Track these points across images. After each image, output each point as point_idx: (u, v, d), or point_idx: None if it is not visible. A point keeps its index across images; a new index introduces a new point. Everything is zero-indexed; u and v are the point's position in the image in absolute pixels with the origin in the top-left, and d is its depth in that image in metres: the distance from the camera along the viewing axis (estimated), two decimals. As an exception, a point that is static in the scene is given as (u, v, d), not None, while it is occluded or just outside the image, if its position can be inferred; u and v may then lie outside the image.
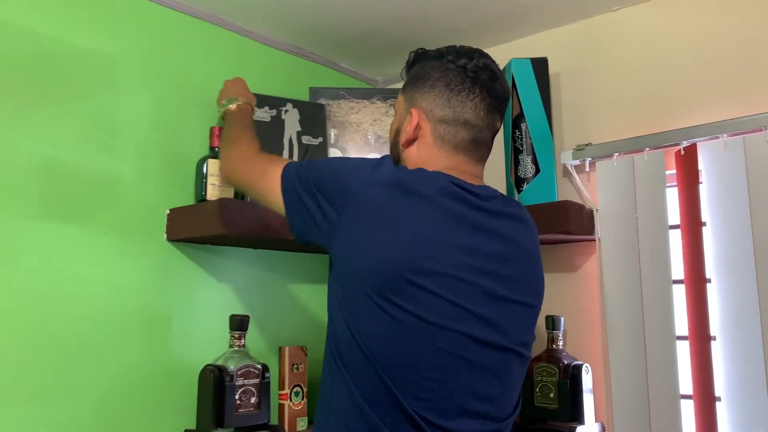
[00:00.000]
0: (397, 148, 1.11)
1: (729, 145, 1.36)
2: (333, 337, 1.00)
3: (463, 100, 1.05)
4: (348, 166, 1.02)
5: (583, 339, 1.55)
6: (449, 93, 1.05)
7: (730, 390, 1.32)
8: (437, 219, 0.96)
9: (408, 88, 1.11)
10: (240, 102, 1.42)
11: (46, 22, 1.31)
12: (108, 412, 1.32)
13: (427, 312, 0.93)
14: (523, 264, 1.04)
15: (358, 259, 0.96)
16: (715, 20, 1.45)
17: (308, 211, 1.04)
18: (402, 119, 1.10)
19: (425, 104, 1.06)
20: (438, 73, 1.06)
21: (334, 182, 1.01)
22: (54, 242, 1.28)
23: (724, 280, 1.35)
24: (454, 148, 1.05)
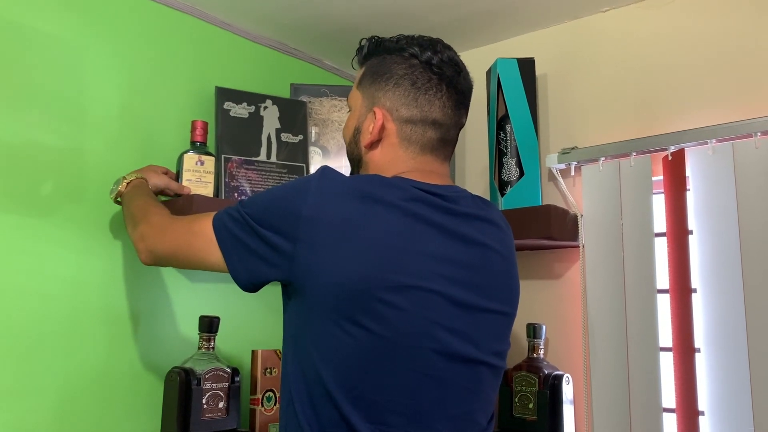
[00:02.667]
0: (357, 148, 1.04)
1: (718, 151, 1.32)
2: (287, 380, 0.94)
3: (431, 98, 0.98)
4: (289, 191, 0.93)
5: (564, 348, 1.51)
6: (416, 92, 0.98)
7: (714, 403, 1.28)
8: (402, 227, 0.89)
9: (367, 84, 1.03)
10: (130, 179, 1.27)
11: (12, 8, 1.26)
12: (68, 415, 1.27)
13: (396, 332, 0.87)
14: (495, 269, 0.98)
15: (321, 284, 0.88)
16: (705, 24, 1.42)
17: (254, 252, 0.93)
18: (362, 118, 1.03)
19: (389, 103, 0.99)
20: (402, 70, 0.99)
21: (279, 212, 0.91)
22: (13, 236, 1.23)
23: (709, 290, 1.31)
24: (421, 149, 0.99)
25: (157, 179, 1.31)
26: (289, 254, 0.90)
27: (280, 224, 0.90)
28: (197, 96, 1.54)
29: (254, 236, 0.93)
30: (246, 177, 1.49)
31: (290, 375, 0.93)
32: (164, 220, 1.10)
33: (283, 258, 0.90)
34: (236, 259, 0.95)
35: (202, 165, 1.40)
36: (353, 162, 1.07)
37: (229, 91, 1.54)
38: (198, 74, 1.56)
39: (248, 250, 0.94)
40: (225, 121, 1.51)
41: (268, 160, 1.54)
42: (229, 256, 0.96)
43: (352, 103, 1.07)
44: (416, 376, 0.88)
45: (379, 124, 0.99)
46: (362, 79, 1.04)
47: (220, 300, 1.54)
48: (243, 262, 0.95)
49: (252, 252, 0.93)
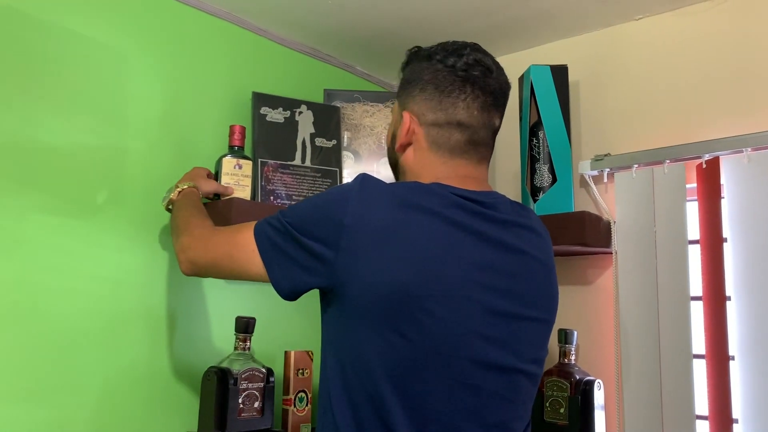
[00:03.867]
0: (394, 153, 1.06)
1: (753, 160, 1.32)
2: (326, 385, 0.95)
3: (454, 100, 0.99)
4: (330, 200, 0.94)
5: (596, 354, 1.52)
6: (439, 95, 0.99)
7: (748, 412, 1.28)
8: (441, 234, 0.90)
9: (401, 91, 1.05)
10: (182, 187, 1.29)
11: (59, 14, 1.29)
12: (107, 412, 1.29)
13: (434, 340, 0.88)
14: (534, 276, 0.98)
15: (361, 291, 0.89)
16: (740, 31, 1.42)
17: (295, 260, 0.94)
18: (397, 124, 1.05)
19: (416, 108, 1.01)
20: (428, 75, 1.01)
21: (321, 221, 0.92)
22: (57, 236, 1.26)
23: (744, 298, 1.31)
24: (449, 152, 1.00)
25: (207, 186, 1.34)
26: (330, 262, 0.91)
27: (321, 233, 0.92)
28: (234, 101, 1.57)
29: (295, 245, 0.94)
30: (282, 181, 1.51)
31: (329, 381, 0.94)
32: (206, 232, 1.12)
33: (325, 266, 0.92)
34: (277, 269, 0.96)
35: (240, 169, 1.42)
36: (392, 166, 1.09)
37: (265, 96, 1.56)
38: (235, 79, 1.59)
39: (289, 259, 0.95)
40: (261, 126, 1.54)
41: (303, 164, 1.56)
42: (271, 266, 0.97)
43: (392, 111, 1.11)
44: (453, 384, 0.89)
45: (406, 128, 1.01)
46: (399, 87, 1.07)
47: (254, 301, 1.56)
48: (284, 271, 0.96)
49: (293, 261, 0.95)
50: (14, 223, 1.20)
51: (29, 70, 1.24)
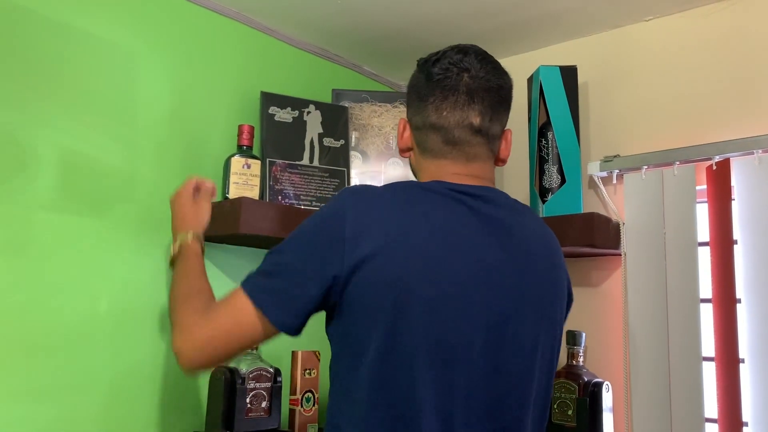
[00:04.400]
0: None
1: (764, 162, 1.32)
2: (335, 404, 0.95)
3: (425, 104, 1.01)
4: (325, 219, 0.93)
5: (604, 356, 1.51)
6: (417, 101, 1.02)
7: (758, 415, 1.27)
8: (439, 232, 0.91)
9: (408, 102, 1.09)
10: (180, 240, 1.18)
11: (70, 13, 1.30)
12: (115, 410, 1.30)
13: (438, 343, 0.88)
14: (538, 273, 0.98)
15: (367, 297, 0.89)
16: (750, 32, 1.41)
17: (297, 292, 0.91)
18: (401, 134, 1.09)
19: (408, 114, 1.06)
20: (412, 82, 1.06)
21: (321, 242, 0.91)
22: (67, 234, 1.26)
23: (755, 300, 1.30)
24: (432, 154, 1.01)
25: (202, 222, 1.23)
26: (338, 276, 0.89)
27: (324, 253, 0.90)
28: (243, 100, 1.57)
29: (290, 276, 0.91)
30: (290, 180, 1.51)
31: (337, 396, 0.94)
32: (196, 324, 0.98)
33: (334, 282, 0.89)
34: (278, 310, 0.92)
35: (249, 168, 1.42)
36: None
37: (273, 96, 1.56)
38: (243, 79, 1.59)
39: (290, 293, 0.91)
40: (270, 126, 1.54)
41: (311, 164, 1.56)
42: (268, 311, 0.92)
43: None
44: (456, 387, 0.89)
45: (399, 131, 1.07)
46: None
47: (261, 301, 1.56)
48: (285, 306, 0.92)
49: (296, 293, 0.91)
50: (23, 222, 1.21)
51: (40, 69, 1.25)
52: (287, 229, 1.36)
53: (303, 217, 1.39)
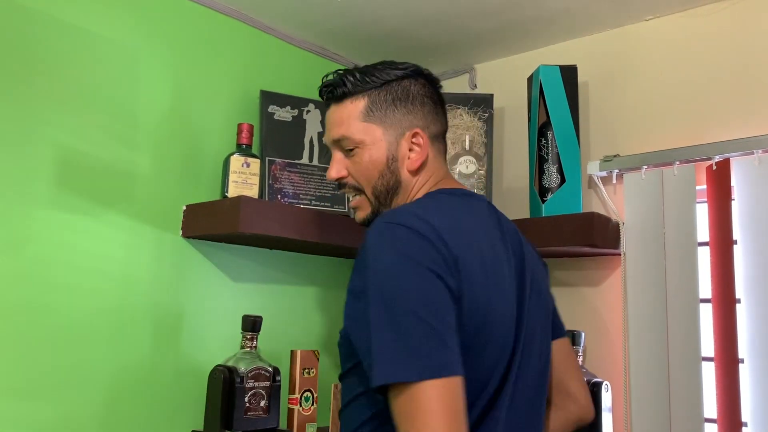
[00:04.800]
0: (394, 176, 1.03)
1: (764, 162, 1.31)
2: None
3: (442, 111, 1.09)
4: (424, 251, 0.82)
5: (603, 356, 1.51)
6: (434, 107, 1.08)
7: (758, 415, 1.27)
8: (488, 247, 0.91)
9: (382, 111, 1.04)
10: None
11: (70, 11, 1.29)
12: (114, 409, 1.29)
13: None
14: (536, 271, 1.02)
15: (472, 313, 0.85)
16: (750, 32, 1.41)
17: (437, 325, 0.79)
18: (392, 145, 1.04)
19: (416, 123, 1.05)
20: (419, 90, 1.07)
21: (438, 266, 0.82)
22: (66, 233, 1.26)
23: (754, 301, 1.30)
24: (444, 159, 1.09)
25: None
26: (459, 296, 0.83)
27: (444, 273, 0.82)
28: (242, 99, 1.57)
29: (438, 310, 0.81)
30: (289, 179, 1.51)
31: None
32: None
33: (458, 304, 0.83)
34: (419, 352, 0.78)
35: (248, 167, 1.42)
36: (387, 192, 1.02)
37: (273, 95, 1.56)
38: (243, 77, 1.59)
39: (440, 340, 0.79)
40: (269, 124, 1.53)
41: (311, 163, 1.56)
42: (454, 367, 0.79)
43: (363, 137, 1.01)
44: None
45: (420, 143, 1.01)
46: (371, 111, 1.01)
47: (260, 300, 1.56)
48: (430, 343, 0.78)
49: (437, 326, 0.79)
50: (23, 219, 1.20)
51: (40, 67, 1.24)
52: (286, 229, 1.36)
53: (304, 216, 1.40)
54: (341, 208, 1.56)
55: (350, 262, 1.78)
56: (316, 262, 1.70)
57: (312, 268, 1.69)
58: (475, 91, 1.82)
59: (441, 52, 1.79)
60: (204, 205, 1.41)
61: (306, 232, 1.40)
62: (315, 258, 1.69)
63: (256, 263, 1.56)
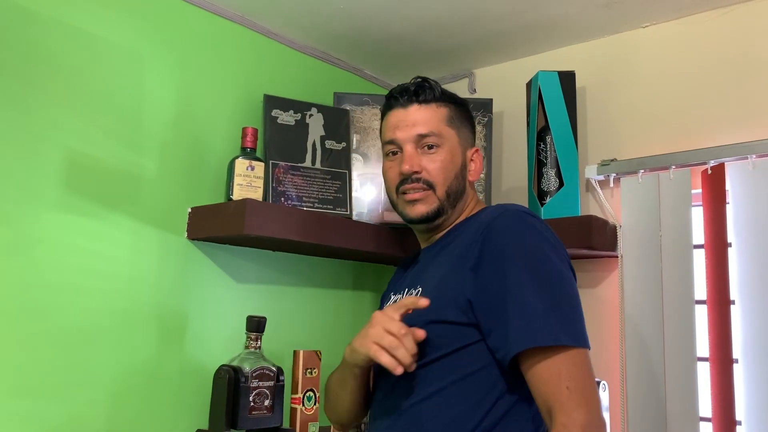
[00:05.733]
0: (463, 182, 1.14)
1: (758, 166, 1.35)
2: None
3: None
4: (555, 240, 1.02)
5: (601, 356, 1.53)
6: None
7: (752, 414, 1.30)
8: None
9: (458, 125, 1.15)
10: None
11: (76, 15, 1.32)
12: (119, 409, 1.31)
13: None
14: None
15: None
16: (745, 39, 1.44)
17: (581, 304, 0.99)
18: (465, 155, 1.15)
19: (473, 142, 1.19)
20: (468, 112, 1.20)
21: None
22: (73, 235, 1.28)
23: (748, 302, 1.33)
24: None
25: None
26: None
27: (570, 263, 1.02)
28: (246, 103, 1.60)
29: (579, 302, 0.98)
30: (292, 182, 1.54)
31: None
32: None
33: None
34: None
35: (253, 170, 1.44)
36: (456, 195, 1.12)
37: (276, 99, 1.58)
38: (247, 82, 1.61)
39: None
40: (273, 128, 1.56)
41: (313, 166, 1.58)
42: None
43: (446, 139, 1.12)
44: None
45: (481, 162, 1.18)
46: (452, 119, 1.14)
47: (263, 301, 1.59)
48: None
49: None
50: (32, 221, 1.23)
51: (48, 71, 1.27)
52: (290, 231, 1.38)
53: (307, 218, 1.42)
54: (343, 210, 1.59)
55: (351, 264, 1.80)
56: (319, 264, 1.72)
57: (314, 270, 1.71)
58: (474, 96, 1.85)
59: (441, 57, 1.81)
60: (209, 207, 1.43)
61: (309, 234, 1.42)
62: (317, 260, 1.72)
63: (260, 265, 1.59)
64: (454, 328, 0.96)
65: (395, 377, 0.98)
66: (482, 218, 1.04)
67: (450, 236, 1.11)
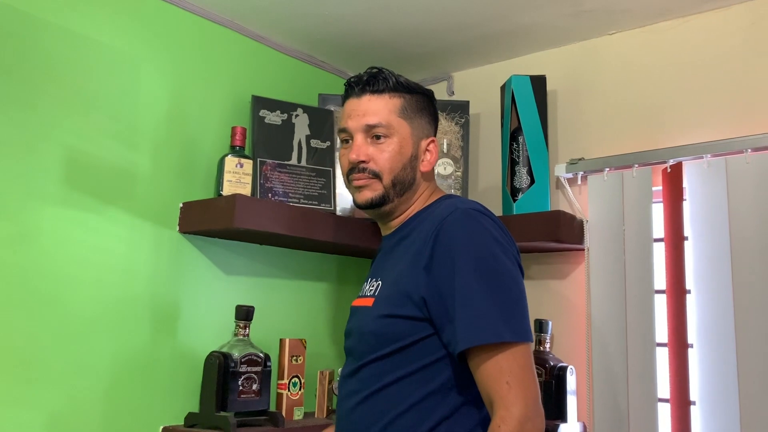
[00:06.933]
0: (412, 172, 1.15)
1: (712, 165, 1.45)
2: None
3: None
4: (503, 237, 1.06)
5: (569, 342, 1.64)
6: (436, 120, 1.24)
7: (705, 394, 1.40)
8: None
9: (411, 115, 1.16)
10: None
11: (76, 21, 1.39)
12: (115, 393, 1.39)
13: None
14: None
15: None
16: (703, 48, 1.55)
17: (525, 298, 1.04)
18: (415, 145, 1.15)
19: (433, 133, 1.21)
20: (432, 108, 1.22)
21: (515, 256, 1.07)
22: (71, 228, 1.35)
23: (702, 291, 1.44)
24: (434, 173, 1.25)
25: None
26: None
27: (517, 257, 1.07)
28: (235, 103, 1.68)
29: (524, 297, 1.03)
30: (279, 179, 1.62)
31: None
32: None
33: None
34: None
35: (242, 167, 1.53)
36: (403, 184, 1.15)
37: (264, 100, 1.67)
38: (236, 84, 1.69)
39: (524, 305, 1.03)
40: (260, 128, 1.64)
41: (299, 164, 1.67)
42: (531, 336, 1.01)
43: (395, 130, 1.14)
44: None
45: (436, 153, 1.18)
46: (404, 110, 1.15)
47: (251, 291, 1.67)
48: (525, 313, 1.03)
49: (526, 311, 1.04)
50: (33, 215, 1.30)
51: (49, 74, 1.34)
52: (277, 225, 1.46)
53: (293, 213, 1.51)
54: (328, 206, 1.67)
55: (335, 257, 1.89)
56: (303, 258, 1.81)
57: (300, 263, 1.80)
58: (452, 98, 1.95)
59: (421, 61, 1.91)
60: (200, 202, 1.51)
61: (295, 228, 1.51)
62: (302, 254, 1.80)
63: (248, 258, 1.67)
64: (409, 323, 1.03)
65: (358, 364, 1.07)
66: (436, 214, 1.08)
67: (406, 228, 1.14)
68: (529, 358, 0.99)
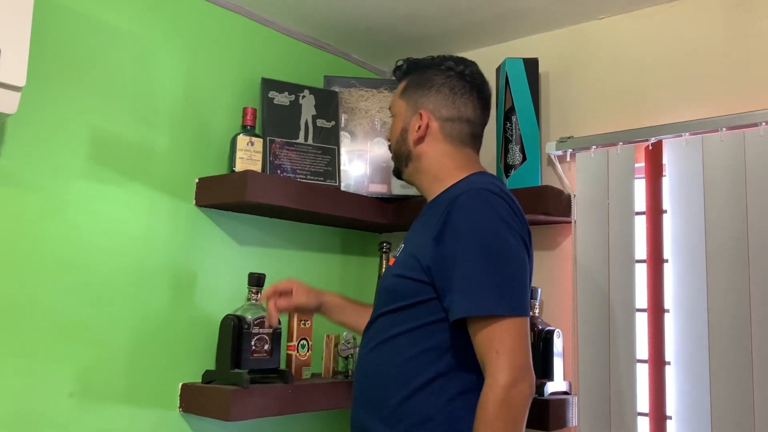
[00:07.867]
0: (405, 145, 1.27)
1: (690, 143, 1.56)
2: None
3: (466, 101, 1.25)
4: (507, 224, 1.13)
5: (556, 308, 1.76)
6: (453, 96, 1.25)
7: (679, 354, 1.52)
8: None
9: (410, 93, 1.28)
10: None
11: (99, 9, 1.50)
12: (137, 352, 1.52)
13: None
14: None
15: None
16: (683, 34, 1.65)
17: (526, 275, 1.15)
18: (407, 120, 1.27)
19: (432, 106, 1.25)
20: (441, 79, 1.26)
21: (521, 233, 1.16)
22: (96, 201, 1.47)
23: (679, 260, 1.55)
24: (460, 143, 1.25)
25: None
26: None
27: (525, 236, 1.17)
28: (245, 85, 1.79)
29: (521, 264, 1.13)
30: (287, 156, 1.74)
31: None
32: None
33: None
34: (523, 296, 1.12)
35: (252, 146, 1.64)
36: (401, 156, 1.29)
37: (273, 82, 1.78)
38: (246, 66, 1.80)
39: (525, 279, 1.16)
40: (269, 108, 1.75)
41: (306, 142, 1.78)
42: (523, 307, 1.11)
43: (396, 110, 1.31)
44: None
45: (424, 123, 1.24)
46: (405, 89, 1.29)
47: (262, 260, 1.79)
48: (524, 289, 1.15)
49: (526, 277, 1.16)
50: (62, 188, 1.42)
51: (74, 59, 1.45)
52: (286, 199, 1.58)
53: (300, 188, 1.62)
54: (333, 182, 1.79)
55: (339, 230, 2.01)
56: (310, 230, 1.93)
57: (306, 236, 1.92)
58: (451, 79, 2.04)
59: (420, 44, 2.00)
60: (215, 178, 1.63)
61: (303, 202, 1.63)
62: (309, 226, 1.92)
63: (259, 230, 1.79)
64: (416, 284, 1.15)
65: (373, 316, 1.22)
66: (453, 191, 1.17)
67: (434, 202, 1.23)
68: (522, 330, 1.07)
